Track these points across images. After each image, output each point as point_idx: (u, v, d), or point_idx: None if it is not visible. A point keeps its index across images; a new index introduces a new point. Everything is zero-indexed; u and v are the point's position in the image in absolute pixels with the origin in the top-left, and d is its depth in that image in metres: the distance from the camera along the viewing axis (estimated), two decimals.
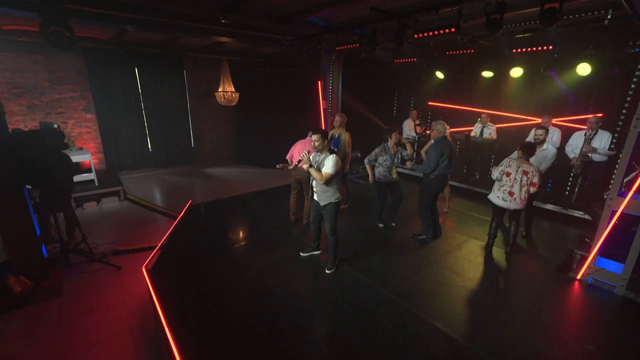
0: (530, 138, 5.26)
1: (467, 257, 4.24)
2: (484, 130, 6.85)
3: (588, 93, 5.89)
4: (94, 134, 8.09)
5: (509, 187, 4.03)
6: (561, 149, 5.36)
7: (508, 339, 2.86)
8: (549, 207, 5.61)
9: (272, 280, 3.64)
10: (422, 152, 5.02)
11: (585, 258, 4.09)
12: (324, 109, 6.84)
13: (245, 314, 3.12)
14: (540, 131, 4.67)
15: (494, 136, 6.68)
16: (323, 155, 3.50)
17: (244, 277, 3.72)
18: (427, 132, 7.49)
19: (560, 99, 6.20)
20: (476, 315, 3.15)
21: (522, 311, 3.21)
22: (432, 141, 4.43)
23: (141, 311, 3.35)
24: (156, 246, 4.39)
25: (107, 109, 7.93)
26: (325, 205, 3.57)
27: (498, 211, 4.24)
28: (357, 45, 4.67)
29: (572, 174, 5.86)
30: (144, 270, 3.68)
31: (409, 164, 4.53)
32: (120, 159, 8.56)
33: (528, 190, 3.98)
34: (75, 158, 6.27)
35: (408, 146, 4.81)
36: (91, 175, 6.71)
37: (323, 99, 6.78)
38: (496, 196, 4.17)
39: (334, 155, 3.41)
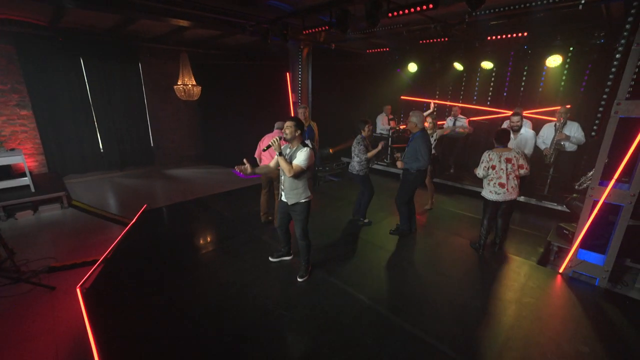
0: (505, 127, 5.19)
1: (449, 255, 4.02)
2: (456, 123, 6.76)
3: (556, 85, 5.94)
4: (32, 133, 7.08)
5: (497, 180, 3.84)
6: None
7: (500, 345, 2.60)
8: (522, 199, 5.57)
9: (235, 293, 3.17)
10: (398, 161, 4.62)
11: (565, 250, 4.01)
12: (293, 102, 6.41)
13: (200, 339, 2.63)
14: (516, 118, 4.56)
15: (466, 129, 6.60)
16: (295, 147, 3.10)
17: (200, 291, 3.21)
18: (401, 126, 7.30)
19: (531, 91, 6.23)
20: (463, 321, 2.88)
21: (510, 312, 2.99)
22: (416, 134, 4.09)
23: (74, 342, 2.75)
24: (98, 260, 3.75)
25: (46, 104, 6.96)
26: (293, 205, 3.16)
27: (492, 207, 3.96)
28: (326, 28, 4.29)
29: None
30: (78, 290, 3.07)
31: (399, 164, 4.20)
32: (66, 161, 7.59)
33: (517, 176, 3.82)
34: (2, 160, 5.39)
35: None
36: (26, 180, 5.81)
37: (292, 91, 6.35)
38: (489, 191, 3.92)
39: (308, 148, 3.03)
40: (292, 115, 6.60)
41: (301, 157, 2.99)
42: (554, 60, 5.59)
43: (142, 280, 3.41)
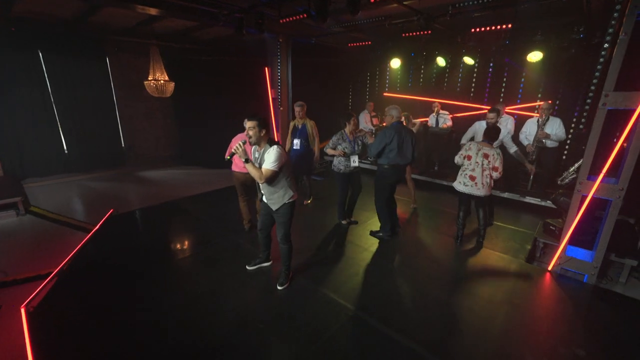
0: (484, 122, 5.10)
1: (437, 255, 3.86)
2: (439, 119, 6.67)
3: (538, 80, 5.95)
4: None
5: (469, 171, 3.82)
6: (515, 137, 5.29)
7: (495, 352, 2.44)
8: (506, 195, 5.53)
9: (207, 306, 2.86)
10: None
11: (551, 247, 3.94)
12: (272, 98, 6.11)
13: (170, 357, 2.32)
14: (491, 114, 4.44)
15: (450, 124, 6.52)
16: (262, 149, 2.79)
17: (168, 306, 2.88)
18: (384, 124, 7.14)
19: (513, 87, 6.21)
20: (454, 327, 2.70)
21: (502, 315, 2.84)
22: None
23: None
24: (52, 273, 3.34)
25: (0, 101, 6.35)
26: (277, 210, 2.88)
27: (463, 199, 4.01)
28: (304, 16, 4.04)
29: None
30: (22, 310, 2.67)
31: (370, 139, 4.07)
32: (24, 163, 6.98)
33: (490, 175, 3.77)
34: None
35: (368, 136, 4.34)
36: None
37: (271, 87, 6.05)
38: (458, 182, 3.96)
39: (276, 146, 2.70)
40: (272, 112, 6.31)
41: (270, 159, 2.65)
42: (534, 56, 5.58)
43: (103, 295, 3.05)
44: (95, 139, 7.80)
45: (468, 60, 6.27)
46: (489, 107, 6.47)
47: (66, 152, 7.50)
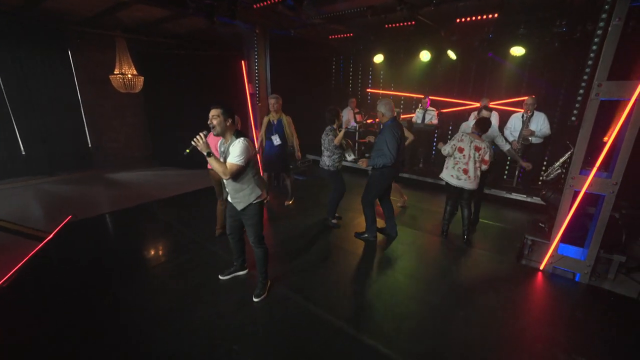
0: (471, 121, 4.96)
1: (423, 256, 3.66)
2: (425, 115, 6.53)
3: (521, 75, 5.89)
4: None
5: (463, 165, 3.68)
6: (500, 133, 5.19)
7: None
8: (493, 192, 5.43)
9: (173, 323, 2.51)
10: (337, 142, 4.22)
11: (540, 244, 3.82)
12: (250, 94, 5.76)
13: None
14: (487, 112, 4.31)
15: (436, 122, 6.38)
16: (229, 141, 2.48)
17: (127, 327, 2.52)
18: (369, 120, 6.93)
19: (496, 82, 6.14)
20: (449, 337, 2.48)
21: (497, 321, 2.65)
22: (382, 127, 3.71)
23: None
24: None
25: None
26: (244, 210, 2.58)
27: (453, 192, 3.87)
28: (278, 0, 3.74)
29: (509, 159, 5.80)
30: None
31: (364, 163, 3.62)
32: None
33: (480, 168, 3.69)
34: None
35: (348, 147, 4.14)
36: None
37: (249, 82, 5.70)
38: (450, 174, 3.78)
39: (243, 139, 2.42)
40: (250, 107, 5.95)
41: (235, 153, 2.37)
42: (517, 50, 5.50)
43: (50, 316, 2.63)
44: (57, 139, 7.17)
45: (451, 55, 6.14)
46: (472, 103, 6.42)
47: (24, 153, 6.85)
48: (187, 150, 2.36)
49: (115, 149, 8.40)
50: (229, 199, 2.65)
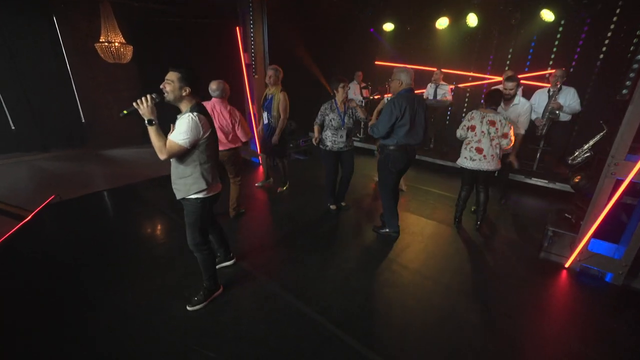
0: None
1: (431, 248, 3.28)
2: (437, 91, 5.95)
3: (550, 45, 5.21)
4: None
5: (475, 143, 3.28)
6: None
7: None
8: (510, 176, 4.94)
9: (138, 328, 2.22)
10: (376, 112, 3.93)
11: (565, 237, 3.40)
12: (246, 64, 5.25)
13: None
14: (510, 84, 3.76)
15: (449, 98, 5.80)
16: (183, 112, 2.02)
17: (87, 328, 2.24)
18: (376, 96, 6.38)
19: (521, 53, 5.48)
20: (458, 349, 2.14)
21: (509, 326, 2.30)
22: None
23: None
24: None
25: None
26: (183, 201, 2.16)
27: (468, 177, 3.46)
28: None
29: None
30: None
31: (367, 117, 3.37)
32: None
33: (499, 145, 3.25)
34: None
35: (359, 109, 3.62)
36: None
37: (244, 51, 5.18)
38: (464, 157, 3.39)
39: (195, 114, 1.94)
40: (247, 79, 5.45)
41: (179, 129, 1.92)
42: (547, 15, 4.82)
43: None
44: (49, 114, 6.83)
45: (471, 21, 5.46)
46: (492, 77, 5.80)
47: (13, 128, 6.56)
48: (125, 112, 1.89)
49: (109, 125, 8.03)
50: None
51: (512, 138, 3.24)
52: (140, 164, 6.45)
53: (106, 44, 5.61)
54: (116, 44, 5.68)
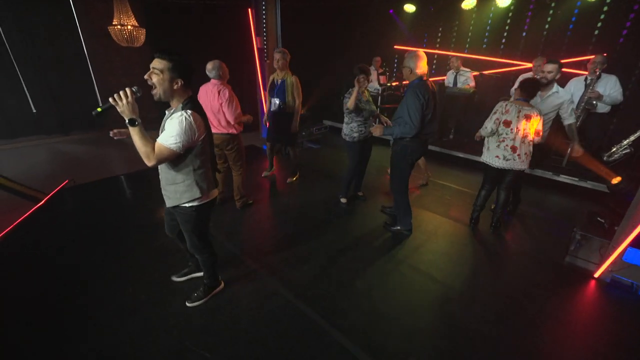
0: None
1: (445, 249, 3.08)
2: (458, 77, 5.56)
3: (591, 28, 4.71)
4: None
5: (510, 141, 2.95)
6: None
7: None
8: (535, 172, 4.60)
9: (128, 331, 2.15)
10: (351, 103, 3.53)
11: (593, 242, 3.12)
12: (258, 49, 5.06)
13: None
14: (551, 66, 3.32)
15: (472, 84, 5.42)
16: (172, 110, 1.76)
17: (89, 318, 2.23)
18: (394, 83, 6.05)
19: (556, 37, 4.99)
20: None
21: (531, 344, 2.11)
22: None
23: None
24: None
25: None
26: (175, 209, 1.95)
27: (493, 176, 3.17)
28: None
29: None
30: None
31: (377, 130, 2.92)
32: None
33: (532, 142, 2.98)
34: None
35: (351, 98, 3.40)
36: None
37: (256, 35, 4.97)
38: (494, 155, 3.05)
39: (189, 113, 1.65)
40: (258, 64, 5.26)
41: (170, 131, 1.63)
42: None
43: None
44: (67, 98, 6.94)
45: (501, 2, 5.00)
46: (522, 63, 5.33)
47: (34, 111, 6.71)
48: (98, 109, 1.59)
49: None
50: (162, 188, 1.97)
51: (542, 134, 3.00)
52: None
53: (119, 27, 5.55)
54: (129, 27, 5.60)
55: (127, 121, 1.61)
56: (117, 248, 2.99)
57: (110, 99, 1.57)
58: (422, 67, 2.71)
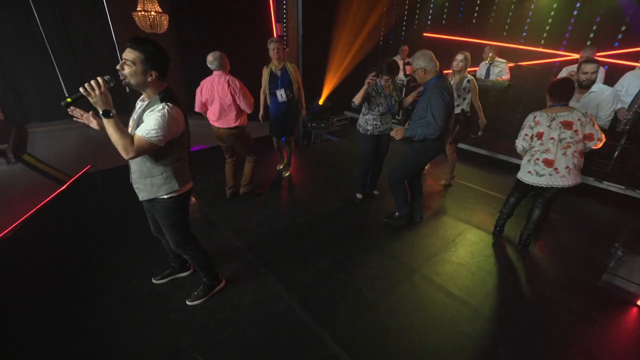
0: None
1: (464, 259, 2.85)
2: (491, 69, 5.12)
3: None
4: None
5: (542, 154, 2.57)
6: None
7: None
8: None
9: (127, 326, 2.12)
10: (407, 102, 3.49)
11: (634, 259, 2.76)
12: (278, 36, 4.89)
13: None
14: (590, 66, 2.98)
15: (507, 77, 4.96)
16: (146, 102, 1.67)
17: (81, 316, 2.24)
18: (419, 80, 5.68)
19: (610, 24, 4.40)
20: None
21: None
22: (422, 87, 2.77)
23: None
24: None
25: None
26: (149, 202, 1.89)
27: (524, 188, 2.81)
28: None
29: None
30: None
31: (398, 133, 2.75)
32: (25, 107, 6.62)
33: (581, 152, 2.52)
34: None
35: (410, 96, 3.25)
36: None
37: (276, 22, 4.79)
38: (527, 171, 2.70)
39: (169, 107, 1.58)
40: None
41: (149, 124, 1.56)
42: None
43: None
44: None
45: None
46: (567, 53, 4.79)
47: (66, 95, 6.98)
48: (68, 100, 1.52)
49: None
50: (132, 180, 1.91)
51: (602, 136, 2.47)
52: None
53: (143, 13, 5.56)
54: (152, 13, 5.60)
55: (100, 113, 1.52)
56: (127, 237, 3.01)
57: (81, 89, 1.47)
58: (436, 63, 2.60)
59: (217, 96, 3.00)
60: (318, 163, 4.75)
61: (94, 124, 1.87)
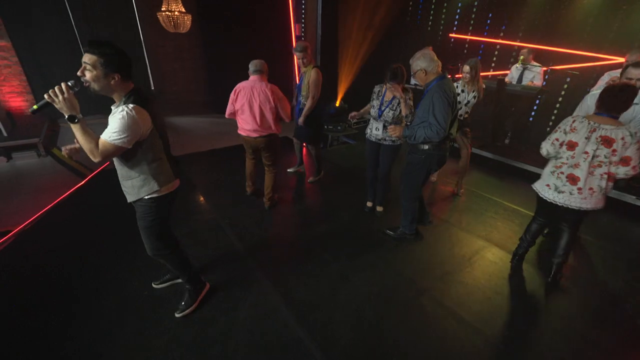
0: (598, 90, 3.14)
1: (480, 282, 2.62)
2: (525, 73, 4.76)
3: None
4: (16, 68, 6.38)
5: (569, 168, 2.24)
6: None
7: None
8: (610, 194, 3.78)
9: (118, 334, 2.11)
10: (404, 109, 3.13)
11: None
12: (296, 36, 4.80)
13: None
14: (637, 71, 2.63)
15: (539, 83, 4.60)
16: (115, 106, 1.68)
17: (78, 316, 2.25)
18: (448, 76, 5.40)
19: None
20: None
21: None
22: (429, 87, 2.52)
23: None
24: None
25: (25, 34, 6.14)
26: (135, 204, 1.89)
27: (547, 209, 2.49)
28: None
29: None
30: None
31: (395, 131, 2.62)
32: None
33: (611, 175, 2.14)
34: None
35: (403, 103, 2.90)
36: None
37: (295, 22, 4.71)
38: (545, 184, 2.41)
39: (129, 107, 1.55)
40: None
41: (114, 127, 1.53)
42: None
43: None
44: None
45: None
46: (610, 57, 4.36)
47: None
48: (34, 107, 1.51)
49: (174, 93, 8.48)
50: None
51: (638, 165, 2.05)
52: (191, 134, 6.64)
53: (167, 12, 5.66)
54: (176, 12, 5.69)
55: (66, 117, 1.52)
56: (135, 235, 3.02)
57: (46, 95, 1.49)
58: (437, 63, 2.41)
59: (255, 102, 2.97)
60: (333, 166, 4.62)
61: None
